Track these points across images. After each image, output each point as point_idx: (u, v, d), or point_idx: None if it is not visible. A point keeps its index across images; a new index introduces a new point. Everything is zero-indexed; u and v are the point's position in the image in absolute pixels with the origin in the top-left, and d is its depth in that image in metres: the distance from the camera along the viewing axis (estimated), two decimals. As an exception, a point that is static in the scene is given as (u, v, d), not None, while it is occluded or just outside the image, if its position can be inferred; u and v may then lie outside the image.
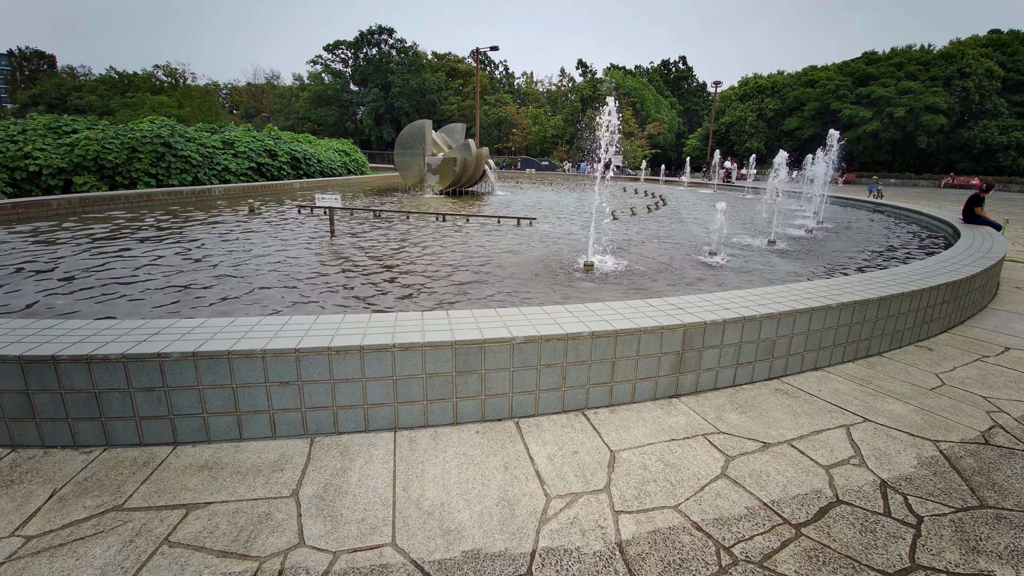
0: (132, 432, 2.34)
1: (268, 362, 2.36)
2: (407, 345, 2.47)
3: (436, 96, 60.67)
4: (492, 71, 73.19)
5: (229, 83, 78.29)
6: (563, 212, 12.45)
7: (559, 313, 2.99)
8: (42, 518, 1.90)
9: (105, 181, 12.16)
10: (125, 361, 2.24)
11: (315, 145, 21.30)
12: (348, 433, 2.51)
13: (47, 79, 63.76)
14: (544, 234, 8.71)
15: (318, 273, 5.53)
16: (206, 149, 14.90)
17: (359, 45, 62.85)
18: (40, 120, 12.53)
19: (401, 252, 6.80)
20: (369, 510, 1.97)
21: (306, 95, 63.68)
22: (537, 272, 5.81)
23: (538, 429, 2.59)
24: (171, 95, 51.16)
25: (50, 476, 2.15)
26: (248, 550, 1.75)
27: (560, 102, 65.34)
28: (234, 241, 7.26)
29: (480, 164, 16.71)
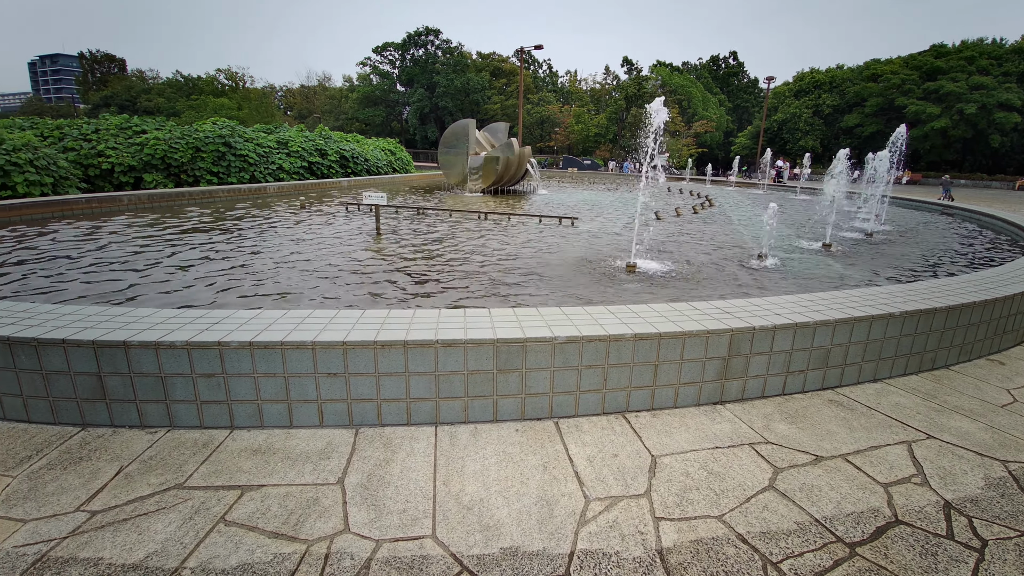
0: (193, 415, 2.49)
1: (317, 354, 2.45)
2: (449, 341, 2.50)
3: (480, 95, 61.18)
4: (536, 70, 73.12)
5: (284, 85, 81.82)
6: (605, 212, 12.31)
7: (601, 314, 2.96)
8: (107, 494, 2.04)
9: (171, 178, 12.96)
10: (189, 348, 2.39)
11: (362, 144, 21.92)
12: (391, 426, 2.57)
13: (118, 81, 68.48)
14: (586, 234, 8.64)
15: (363, 268, 5.70)
16: (262, 149, 15.62)
17: (406, 46, 64.18)
18: (112, 120, 13.47)
19: (443, 250, 6.90)
20: (410, 502, 2.01)
21: (355, 96, 65.64)
22: (579, 272, 5.77)
23: (578, 430, 2.57)
24: (231, 98, 53.96)
25: (117, 454, 2.31)
26: (297, 533, 1.83)
27: (604, 100, 64.60)
28: (286, 236, 7.58)
29: (522, 163, 16.74)
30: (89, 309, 2.80)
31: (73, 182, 10.79)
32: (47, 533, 1.81)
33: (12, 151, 9.67)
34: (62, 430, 2.48)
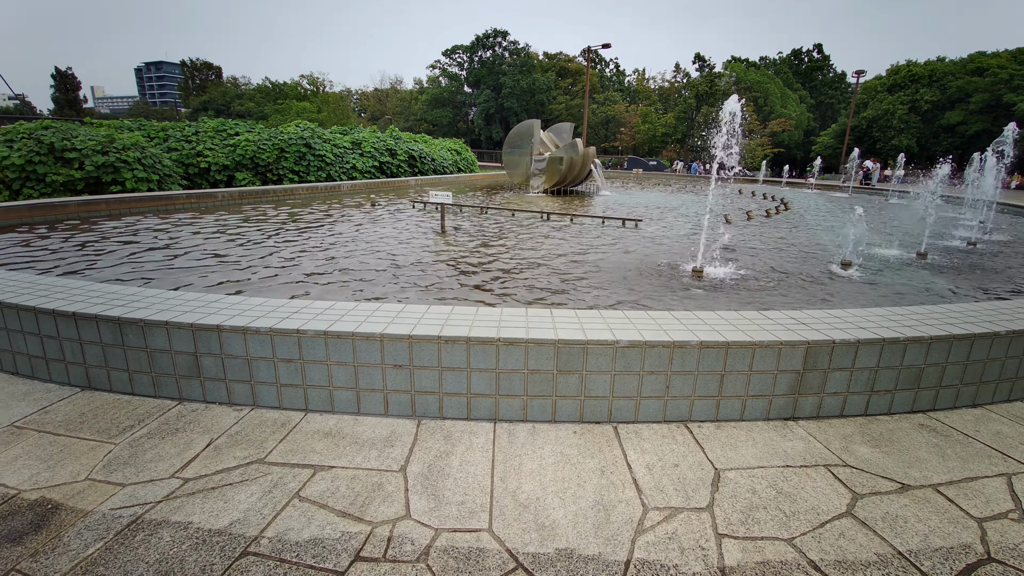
0: (274, 396, 2.69)
1: (385, 345, 2.56)
2: (511, 340, 2.54)
3: (545, 96, 61.24)
4: (602, 69, 72.09)
5: (359, 89, 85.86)
6: (671, 214, 11.94)
7: (665, 319, 2.88)
8: (199, 463, 2.25)
9: (259, 177, 13.99)
10: (272, 334, 2.58)
11: (430, 144, 22.59)
12: (452, 419, 2.64)
13: (214, 87, 74.70)
14: (650, 236, 8.43)
15: (427, 264, 5.88)
16: (338, 149, 16.50)
17: (474, 49, 65.45)
18: (209, 124, 14.73)
19: (505, 248, 6.98)
20: (468, 495, 2.06)
21: (424, 98, 67.77)
22: (641, 276, 5.64)
23: (637, 436, 2.52)
24: (312, 101, 57.39)
25: (208, 427, 2.53)
26: (363, 514, 1.93)
27: (672, 99, 62.55)
28: (357, 231, 7.97)
29: (586, 163, 16.57)
30: (188, 295, 3.09)
31: (175, 179, 11.91)
32: (143, 497, 2.02)
33: (122, 150, 10.82)
34: (162, 403, 2.75)
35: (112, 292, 3.11)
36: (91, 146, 10.33)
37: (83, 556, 1.70)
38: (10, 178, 9.36)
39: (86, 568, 1.65)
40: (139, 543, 1.76)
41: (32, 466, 2.19)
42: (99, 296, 3.02)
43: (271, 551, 1.74)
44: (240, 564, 1.68)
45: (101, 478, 2.12)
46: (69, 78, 71.82)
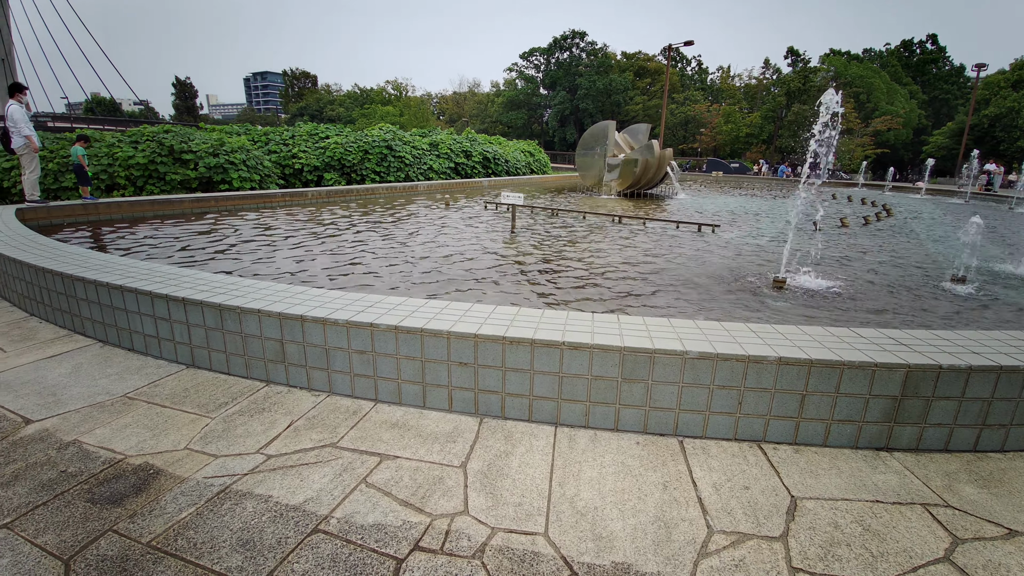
0: (347, 385, 2.85)
1: (452, 343, 2.63)
2: (576, 344, 2.51)
3: (621, 96, 60.00)
4: (683, 68, 69.39)
5: (439, 92, 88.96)
6: (752, 220, 11.26)
7: (740, 331, 2.72)
8: (280, 442, 2.43)
9: (344, 177, 14.91)
10: (348, 327, 2.73)
11: (503, 146, 22.91)
12: (513, 420, 2.66)
13: (310, 94, 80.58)
14: (728, 243, 8.00)
15: (496, 264, 5.96)
16: (417, 151, 17.19)
17: (552, 51, 65.46)
18: (304, 128, 15.90)
19: (574, 251, 6.92)
20: (526, 497, 2.06)
21: (500, 100, 68.81)
22: (717, 284, 5.37)
23: (704, 453, 2.40)
24: (395, 105, 60.34)
25: (290, 410, 2.73)
26: (423, 505, 1.99)
27: (760, 97, 58.87)
28: (431, 230, 8.26)
29: (662, 166, 16.04)
30: (278, 286, 3.35)
31: (273, 179, 12.98)
32: (232, 468, 2.22)
33: (230, 152, 11.95)
34: (251, 384, 3.01)
35: (215, 280, 3.45)
36: (204, 149, 11.51)
37: (176, 520, 1.90)
38: (135, 176, 10.65)
39: (178, 532, 1.84)
40: (226, 511, 1.94)
41: (139, 434, 2.47)
42: (205, 284, 3.35)
43: (339, 531, 1.85)
44: (311, 540, 1.80)
45: (198, 448, 2.35)
46: (188, 87, 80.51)
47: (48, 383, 2.96)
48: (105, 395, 2.84)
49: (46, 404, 2.73)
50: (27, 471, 2.16)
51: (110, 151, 10.61)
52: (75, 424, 2.54)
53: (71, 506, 1.95)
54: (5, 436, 2.42)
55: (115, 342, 3.51)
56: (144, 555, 1.72)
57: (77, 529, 1.83)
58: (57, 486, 2.07)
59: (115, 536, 1.80)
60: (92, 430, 2.48)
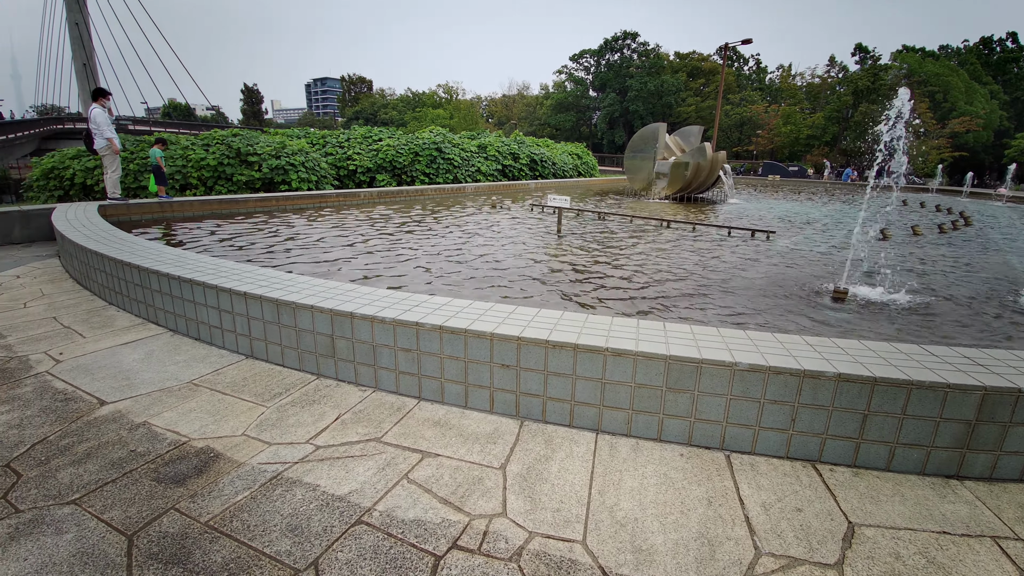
0: (392, 382, 2.92)
1: (495, 344, 2.65)
2: (619, 351, 2.47)
3: (673, 98, 58.51)
4: (740, 67, 66.89)
5: (488, 95, 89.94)
6: (812, 226, 10.70)
7: (795, 344, 2.59)
8: (328, 434, 2.52)
9: (395, 178, 15.34)
10: (395, 325, 2.80)
11: (551, 149, 22.87)
12: (553, 424, 2.65)
13: (365, 99, 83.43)
14: (784, 251, 7.64)
15: (540, 267, 5.95)
16: (465, 153, 17.45)
17: (602, 52, 64.76)
18: (359, 131, 16.48)
19: (620, 256, 6.81)
20: (564, 503, 2.05)
21: (549, 103, 68.75)
22: (770, 294, 5.13)
23: (753, 470, 2.30)
24: (446, 108, 61.52)
25: (338, 403, 2.83)
26: (462, 504, 2.02)
27: (823, 97, 55.84)
28: (477, 231, 8.35)
29: (714, 169, 15.53)
30: (331, 283, 3.49)
31: (329, 180, 13.53)
32: (284, 456, 2.32)
33: (291, 155, 12.55)
34: (303, 376, 3.14)
35: (274, 276, 3.63)
36: (268, 151, 12.14)
37: (232, 502, 2.01)
38: (205, 176, 11.37)
39: (233, 513, 1.94)
40: (277, 497, 2.03)
41: (202, 418, 2.63)
42: (264, 279, 3.54)
43: (380, 524, 1.90)
44: (354, 531, 1.86)
45: (254, 435, 2.48)
46: (255, 93, 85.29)
47: (122, 368, 3.21)
48: (173, 381, 3.04)
49: (120, 387, 2.96)
50: (99, 450, 2.35)
51: (184, 153, 11.38)
52: (145, 407, 2.74)
53: (138, 484, 2.10)
54: (81, 416, 2.64)
55: (184, 331, 3.76)
56: (202, 534, 1.83)
57: (142, 506, 1.97)
58: (126, 464, 2.23)
59: (176, 514, 1.93)
60: (160, 413, 2.67)
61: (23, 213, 7.29)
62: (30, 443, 2.38)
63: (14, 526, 1.84)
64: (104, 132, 8.02)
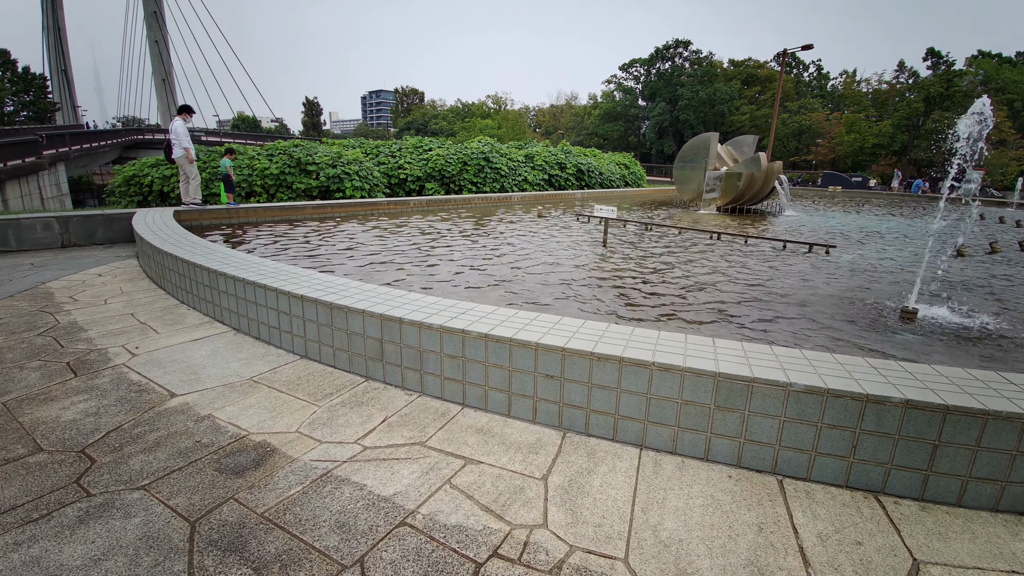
0: (437, 387, 2.98)
1: (539, 355, 2.66)
2: (666, 366, 2.42)
3: (726, 106, 56.83)
4: (799, 74, 64.25)
5: (536, 106, 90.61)
6: (877, 241, 10.09)
7: (857, 366, 2.45)
8: (375, 435, 2.60)
9: (443, 187, 15.70)
10: (441, 332, 2.87)
11: (598, 158, 22.73)
12: (596, 437, 2.62)
13: (417, 110, 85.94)
14: (846, 266, 7.24)
15: (587, 278, 5.91)
16: (512, 163, 17.64)
17: (652, 61, 63.89)
18: (410, 141, 17.00)
19: (668, 268, 6.67)
20: (606, 518, 2.02)
21: (597, 112, 68.42)
22: (830, 312, 4.88)
23: (808, 498, 2.19)
24: (494, 119, 62.45)
25: (385, 406, 2.92)
26: (503, 513, 2.03)
27: (891, 104, 52.69)
28: (523, 239, 8.40)
29: (769, 180, 14.96)
30: (382, 289, 3.61)
31: (381, 188, 14.02)
32: (333, 455, 2.41)
33: (346, 164, 13.09)
34: (353, 378, 3.26)
35: (328, 280, 3.79)
36: (325, 161, 12.73)
37: (285, 496, 2.10)
38: (268, 184, 12.04)
39: (286, 507, 2.04)
40: (327, 493, 2.12)
41: (260, 414, 2.78)
42: (320, 283, 3.71)
43: (423, 527, 1.93)
44: (398, 532, 1.90)
45: (306, 432, 2.60)
46: (315, 105, 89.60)
47: (191, 363, 3.44)
48: (235, 377, 3.23)
49: (188, 381, 3.17)
50: (167, 439, 2.52)
51: (250, 163, 12.12)
52: (210, 400, 2.92)
53: (201, 473, 2.24)
54: (153, 407, 2.84)
55: (246, 331, 3.99)
56: (258, 524, 1.93)
57: (204, 495, 2.10)
58: (191, 454, 2.39)
59: (235, 504, 2.04)
60: (223, 407, 2.84)
61: (106, 216, 7.97)
62: (105, 431, 2.58)
63: (84, 509, 2.00)
64: (182, 142, 8.74)
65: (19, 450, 2.39)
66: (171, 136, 8.85)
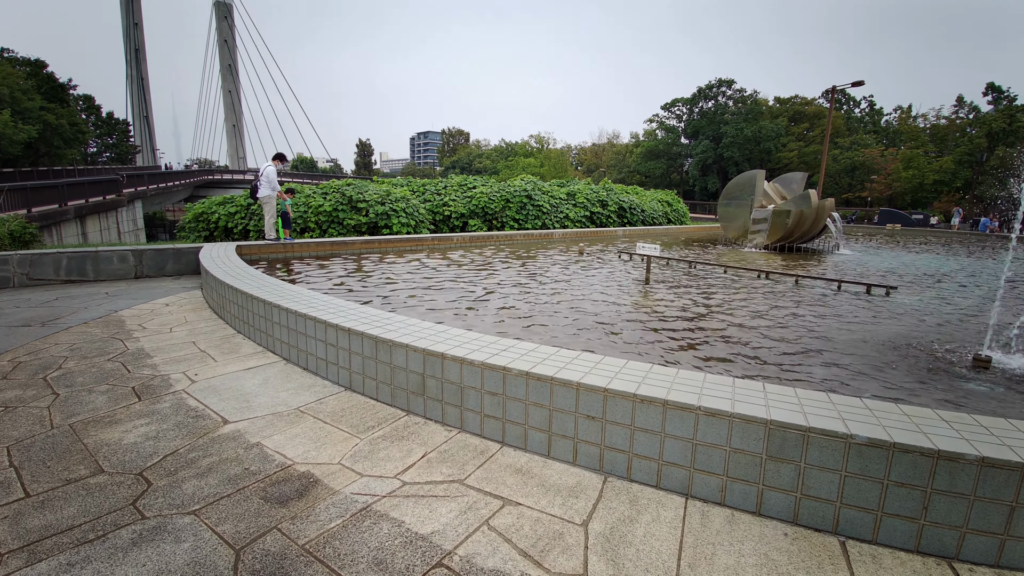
0: (477, 424, 2.98)
1: (580, 394, 2.62)
2: (713, 411, 2.33)
3: (772, 143, 55.90)
4: (850, 110, 62.76)
5: (578, 144, 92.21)
6: (943, 282, 9.47)
7: (926, 419, 2.28)
8: (414, 471, 2.60)
9: (486, 223, 16.06)
10: (483, 368, 2.88)
11: (640, 196, 22.70)
12: (639, 483, 2.52)
13: (462, 149, 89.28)
14: (907, 309, 6.82)
15: (628, 316, 5.83)
16: (554, 200, 17.89)
17: (695, 100, 64.11)
18: (455, 180, 17.59)
19: (713, 308, 6.49)
20: (650, 572, 1.92)
21: (639, 150, 68.79)
22: (892, 359, 4.58)
23: (875, 563, 2.01)
24: (536, 157, 63.91)
25: (424, 441, 2.93)
26: (542, 559, 1.97)
27: (952, 139, 50.38)
28: (564, 276, 8.41)
29: (821, 217, 14.46)
30: (424, 324, 3.68)
31: (426, 224, 14.49)
32: (373, 489, 2.43)
33: (394, 201, 13.66)
34: (394, 411, 3.30)
35: (374, 314, 3.91)
36: (375, 199, 13.34)
37: (326, 528, 2.12)
38: (321, 221, 12.68)
39: (326, 540, 2.05)
40: (366, 528, 2.12)
41: (305, 444, 2.85)
42: (366, 317, 3.83)
43: (460, 569, 1.90)
44: (435, 573, 1.88)
45: (348, 464, 2.64)
46: (367, 146, 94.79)
47: (244, 391, 3.59)
48: (283, 406, 3.34)
49: (240, 408, 3.30)
50: (219, 465, 2.61)
51: (306, 201, 12.86)
52: (260, 428, 3.02)
53: (248, 501, 2.30)
54: (207, 432, 2.97)
55: (295, 361, 4.14)
56: (299, 556, 1.95)
57: (250, 523, 2.15)
58: (240, 481, 2.46)
59: (278, 534, 2.08)
60: (271, 436, 2.93)
61: (176, 250, 8.58)
62: (163, 454, 2.71)
63: (139, 532, 2.08)
64: (273, 185, 9.94)
65: (81, 471, 2.53)
66: (262, 179, 9.93)
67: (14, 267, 7.23)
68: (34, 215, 17.46)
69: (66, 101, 44.93)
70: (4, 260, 7.16)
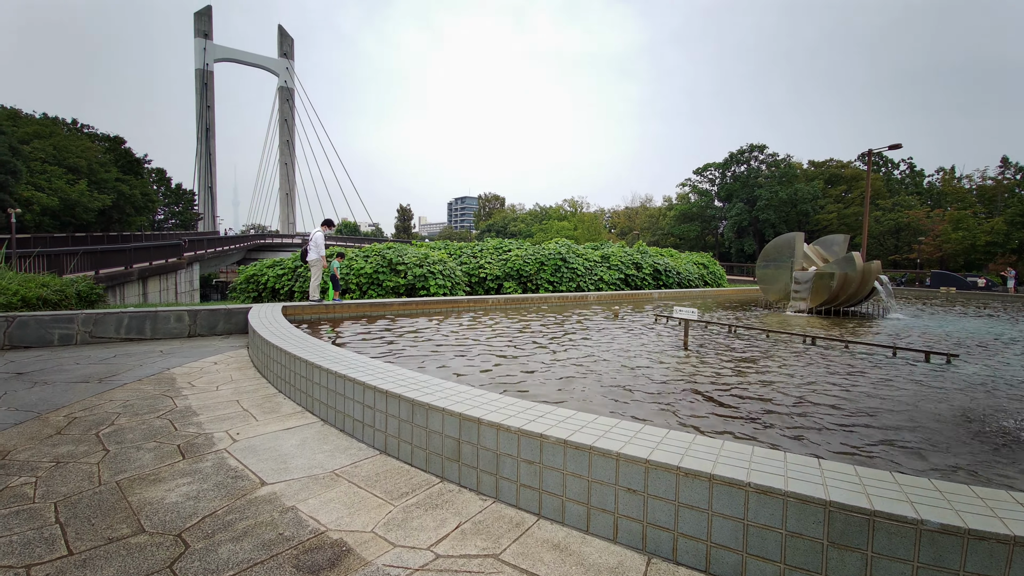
0: (513, 494, 2.89)
1: (620, 466, 2.52)
2: (764, 488, 2.19)
3: (809, 205, 55.35)
4: (889, 172, 62.02)
5: (612, 208, 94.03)
6: (1008, 349, 8.82)
7: (1003, 502, 2.07)
8: (448, 543, 2.51)
9: (521, 285, 16.26)
10: (520, 435, 2.84)
11: (675, 258, 22.63)
12: (687, 567, 2.35)
13: (498, 213, 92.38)
14: (973, 378, 6.35)
15: (667, 384, 5.65)
16: (588, 263, 18.04)
17: (727, 165, 64.95)
18: (490, 243, 18.09)
19: (757, 376, 6.23)
20: (703, 670, 1.75)
21: (672, 213, 69.40)
22: (958, 434, 4.23)
23: (963, 673, 1.77)
24: (570, 221, 65.32)
25: (459, 510, 2.85)
26: (583, 650, 1.83)
27: (1000, 200, 48.66)
28: (600, 340, 8.31)
29: (867, 280, 13.96)
30: (461, 387, 3.69)
31: (462, 286, 14.80)
32: (405, 561, 2.35)
33: (432, 264, 14.09)
34: (429, 478, 3.24)
35: (411, 376, 3.96)
36: (413, 261, 13.82)
37: (361, 600, 2.06)
38: (362, 282, 13.15)
39: (361, 612, 1.98)
40: (398, 604, 2.04)
41: (339, 510, 2.82)
42: (403, 379, 3.87)
43: (496, 656, 1.79)
44: (469, 658, 1.77)
45: (381, 533, 2.58)
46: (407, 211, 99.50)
47: (281, 451, 3.62)
48: (319, 469, 3.35)
49: (277, 470, 3.32)
50: (254, 528, 2.60)
51: (349, 264, 13.44)
52: (295, 491, 3.02)
53: (281, 569, 2.27)
54: (244, 494, 2.99)
55: (332, 422, 4.18)
56: (330, 631, 1.88)
57: (284, 591, 2.11)
58: (274, 547, 2.44)
59: (310, 606, 2.02)
60: (306, 499, 2.92)
61: (227, 311, 9.02)
62: (201, 515, 2.73)
63: (183, 593, 2.08)
64: (320, 250, 10.48)
65: (124, 530, 2.57)
66: (311, 243, 10.56)
67: (79, 325, 7.74)
68: (101, 276, 18.87)
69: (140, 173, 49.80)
70: (69, 319, 7.70)
